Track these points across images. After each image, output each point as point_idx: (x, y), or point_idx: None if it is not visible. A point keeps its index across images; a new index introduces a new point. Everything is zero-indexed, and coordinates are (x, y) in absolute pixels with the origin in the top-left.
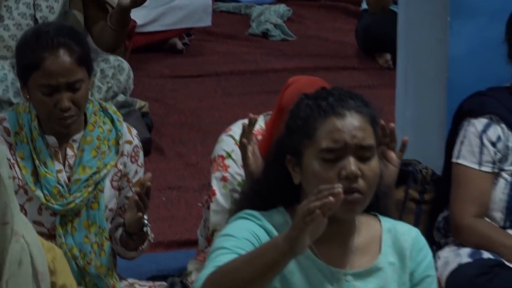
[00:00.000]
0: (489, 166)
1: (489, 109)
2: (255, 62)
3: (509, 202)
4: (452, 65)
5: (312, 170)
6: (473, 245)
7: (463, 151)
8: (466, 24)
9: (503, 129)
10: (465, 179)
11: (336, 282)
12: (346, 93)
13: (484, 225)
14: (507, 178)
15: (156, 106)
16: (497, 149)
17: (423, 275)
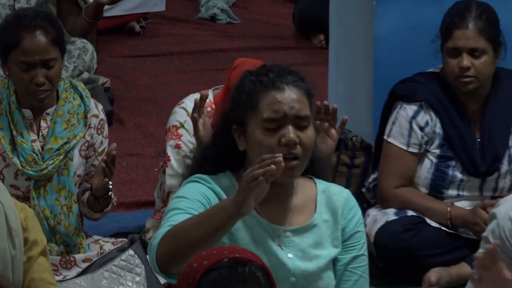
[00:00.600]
0: (416, 148)
1: (420, 97)
2: (204, 43)
3: (433, 180)
4: (378, 45)
5: (256, 138)
6: (398, 208)
7: (393, 131)
8: (390, 7)
9: (431, 116)
10: (393, 156)
11: (277, 238)
12: (284, 69)
13: (407, 192)
14: (432, 159)
15: (117, 82)
16: (424, 133)
17: (353, 231)
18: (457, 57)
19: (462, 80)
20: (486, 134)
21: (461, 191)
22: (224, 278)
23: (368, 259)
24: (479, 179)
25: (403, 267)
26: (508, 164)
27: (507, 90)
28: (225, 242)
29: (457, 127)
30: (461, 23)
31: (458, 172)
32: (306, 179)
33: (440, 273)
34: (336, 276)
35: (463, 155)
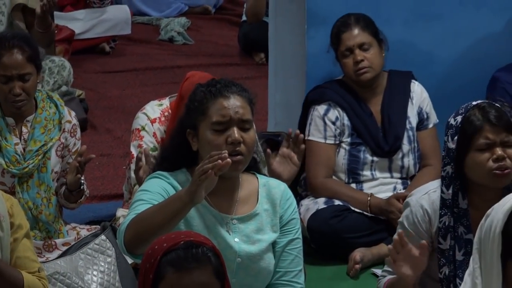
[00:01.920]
0: (332, 139)
1: (327, 97)
2: (164, 61)
3: (349, 164)
4: (310, 61)
5: (206, 138)
6: (326, 197)
7: (311, 130)
8: (319, 30)
9: (339, 111)
10: (315, 150)
11: (225, 225)
12: (230, 81)
13: (333, 183)
14: (345, 147)
15: (90, 94)
16: (336, 126)
17: (289, 218)
18: (351, 55)
19: (360, 72)
20: (386, 121)
21: (374, 171)
22: (180, 258)
23: (302, 241)
24: (387, 159)
25: (332, 248)
26: (409, 144)
27: (399, 85)
28: (182, 228)
29: (361, 118)
30: (345, 27)
31: (368, 155)
32: (250, 174)
33: (364, 252)
34: (275, 256)
35: (369, 139)
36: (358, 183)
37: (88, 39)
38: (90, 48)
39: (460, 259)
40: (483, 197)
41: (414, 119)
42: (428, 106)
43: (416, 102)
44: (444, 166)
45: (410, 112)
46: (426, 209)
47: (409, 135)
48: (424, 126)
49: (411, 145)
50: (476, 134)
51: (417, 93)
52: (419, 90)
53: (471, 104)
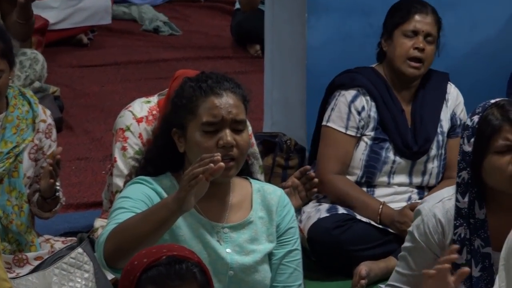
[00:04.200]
0: (354, 131)
1: (357, 83)
2: (148, 54)
3: (367, 161)
4: (310, 54)
5: (195, 140)
6: (333, 197)
7: (333, 116)
8: (321, 19)
9: (368, 101)
10: (332, 140)
11: (216, 234)
12: (222, 76)
13: (343, 182)
14: (367, 141)
15: (66, 91)
16: (361, 117)
17: (287, 227)
18: (413, 38)
19: (412, 64)
20: (418, 121)
21: (392, 176)
22: (162, 275)
23: (301, 253)
24: (410, 161)
25: (335, 261)
26: (437, 149)
27: (436, 86)
28: (167, 239)
29: (391, 112)
30: (422, 7)
31: (391, 154)
32: (242, 179)
33: (370, 266)
34: (272, 269)
35: (397, 137)
36: (371, 187)
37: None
38: (65, 40)
39: (477, 275)
40: (503, 206)
41: (447, 123)
42: (462, 112)
43: (450, 106)
44: (459, 171)
45: (443, 116)
46: (440, 219)
47: (439, 140)
48: (455, 133)
49: (439, 151)
50: (494, 135)
51: (453, 96)
52: (455, 94)
53: (489, 103)
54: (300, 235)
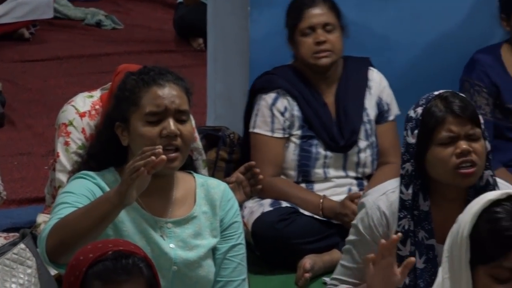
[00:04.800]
0: (280, 133)
1: (275, 85)
2: (90, 48)
3: (299, 160)
4: (253, 47)
5: (139, 131)
6: (274, 199)
7: (257, 122)
8: (264, 13)
9: (289, 101)
10: (261, 145)
11: (159, 229)
12: (164, 69)
13: (281, 183)
14: (295, 141)
15: (8, 86)
16: (285, 117)
17: (231, 221)
18: (312, 34)
19: (319, 55)
20: (342, 113)
21: (327, 169)
22: (108, 270)
23: (245, 248)
24: (342, 154)
25: (279, 255)
26: (366, 139)
27: (356, 73)
28: (110, 235)
29: (314, 108)
30: (311, 2)
31: (321, 149)
32: (186, 173)
33: (314, 259)
34: (216, 264)
35: (323, 132)
36: (309, 182)
37: (5, 24)
38: (7, 34)
39: (421, 267)
40: (446, 198)
41: (373, 111)
42: (388, 96)
43: (374, 92)
44: (403, 163)
45: (368, 103)
46: (384, 211)
47: (367, 129)
48: (384, 118)
49: (369, 139)
50: (438, 126)
51: (376, 81)
52: (378, 78)
53: (433, 94)
54: (244, 229)
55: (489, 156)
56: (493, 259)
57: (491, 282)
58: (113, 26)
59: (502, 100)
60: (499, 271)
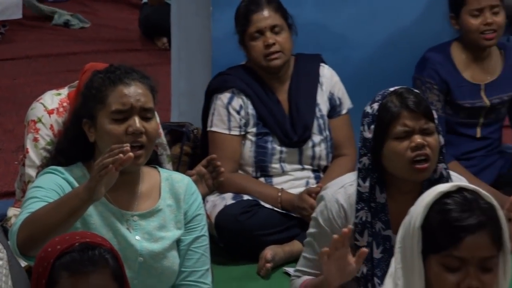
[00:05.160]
0: (237, 130)
1: (230, 84)
2: (58, 47)
3: (256, 157)
4: (215, 46)
5: (105, 128)
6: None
7: (214, 121)
8: (226, 12)
9: (243, 99)
10: (219, 142)
11: (126, 222)
12: (130, 68)
13: (240, 178)
14: (251, 138)
15: None
16: (241, 116)
17: (194, 214)
18: (261, 38)
19: (271, 57)
20: (294, 109)
21: (283, 163)
22: (76, 261)
23: (209, 239)
24: (297, 149)
25: (241, 246)
26: (319, 133)
27: (307, 70)
28: (79, 227)
29: (267, 106)
30: (256, 7)
31: (276, 145)
32: (151, 168)
33: (275, 250)
34: (180, 255)
35: (277, 129)
36: (267, 177)
37: None
38: None
39: (378, 257)
40: (401, 191)
41: (325, 106)
42: (340, 91)
43: (326, 88)
44: (360, 157)
45: (320, 99)
46: (342, 204)
47: (320, 124)
48: (336, 113)
49: (323, 134)
50: (393, 121)
51: (327, 77)
52: (329, 74)
53: (388, 91)
54: (207, 221)
55: (442, 150)
56: (443, 249)
57: (442, 270)
58: (81, 25)
59: (452, 96)
60: (449, 260)
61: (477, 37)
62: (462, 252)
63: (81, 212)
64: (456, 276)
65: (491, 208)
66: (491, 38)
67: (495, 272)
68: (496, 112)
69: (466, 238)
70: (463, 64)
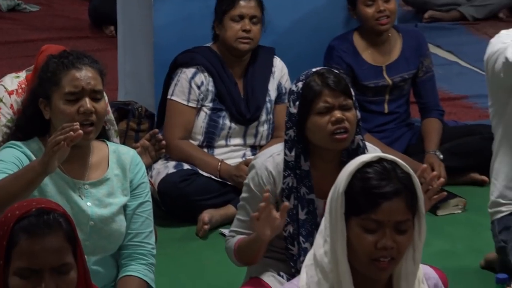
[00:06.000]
0: (194, 103)
1: (196, 61)
2: (16, 35)
3: (207, 128)
4: (157, 33)
5: (59, 108)
6: (179, 159)
7: (176, 91)
8: (166, 2)
9: (206, 77)
10: (176, 111)
11: (78, 190)
12: (82, 53)
13: (187, 145)
14: (206, 111)
15: None
16: (200, 91)
17: (139, 182)
18: (240, 22)
19: (243, 41)
20: (249, 91)
21: (229, 138)
22: (32, 224)
23: (152, 204)
24: (244, 126)
25: (181, 210)
26: (266, 115)
27: (263, 60)
28: (36, 195)
29: (226, 85)
30: None
31: (227, 121)
32: (100, 142)
33: (212, 213)
34: (127, 219)
35: (231, 106)
36: (211, 148)
37: None
38: None
39: (303, 218)
40: (323, 159)
41: (274, 92)
42: (287, 82)
43: (276, 77)
44: (286, 130)
45: (270, 86)
46: (271, 171)
47: (267, 107)
48: (281, 100)
49: (268, 116)
50: (316, 98)
51: (279, 68)
52: (280, 66)
53: (311, 71)
54: (151, 188)
55: (359, 123)
56: (363, 212)
57: (361, 231)
58: (30, 9)
59: (358, 79)
60: (368, 222)
61: (373, 24)
62: (379, 216)
63: (37, 183)
64: (374, 237)
65: (407, 177)
66: (386, 23)
67: (409, 234)
68: (400, 89)
69: (383, 203)
70: (364, 49)
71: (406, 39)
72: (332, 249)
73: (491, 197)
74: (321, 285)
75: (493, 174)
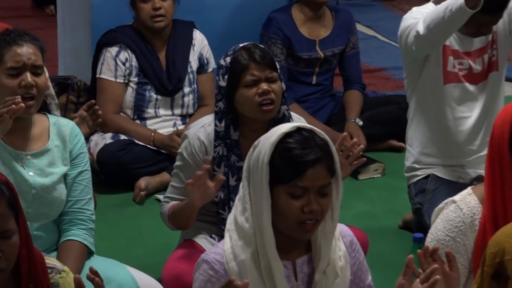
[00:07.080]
0: (122, 79)
1: (119, 40)
2: None
3: (135, 102)
4: (94, 12)
5: (1, 82)
6: (115, 132)
7: (103, 69)
8: None
9: (129, 53)
10: (105, 88)
11: (20, 160)
12: (23, 31)
13: (120, 119)
14: (133, 86)
15: None
16: (126, 67)
17: (78, 152)
18: (149, 2)
19: (156, 20)
20: (171, 64)
21: (157, 109)
22: None
23: (91, 173)
24: (169, 97)
25: (119, 178)
26: (189, 86)
27: (183, 34)
28: None
29: (148, 60)
30: None
31: (153, 93)
32: (41, 115)
33: (148, 180)
34: (67, 187)
35: (154, 79)
36: (143, 119)
37: None
38: None
39: (233, 184)
40: (251, 129)
41: (195, 64)
42: (207, 52)
43: (197, 49)
44: (216, 102)
45: (191, 58)
46: (203, 141)
47: (190, 78)
48: (204, 70)
49: (192, 86)
50: (243, 72)
51: (198, 40)
52: (200, 38)
53: (239, 46)
54: (89, 158)
55: (284, 94)
56: (289, 180)
57: (288, 198)
58: None
59: (293, 49)
60: (294, 189)
61: None
62: (305, 183)
63: None
64: (300, 202)
65: (325, 144)
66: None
67: (330, 196)
68: (329, 63)
69: (308, 171)
70: (301, 22)
71: (338, 17)
72: (255, 215)
73: (406, 162)
74: (245, 248)
75: (408, 141)
